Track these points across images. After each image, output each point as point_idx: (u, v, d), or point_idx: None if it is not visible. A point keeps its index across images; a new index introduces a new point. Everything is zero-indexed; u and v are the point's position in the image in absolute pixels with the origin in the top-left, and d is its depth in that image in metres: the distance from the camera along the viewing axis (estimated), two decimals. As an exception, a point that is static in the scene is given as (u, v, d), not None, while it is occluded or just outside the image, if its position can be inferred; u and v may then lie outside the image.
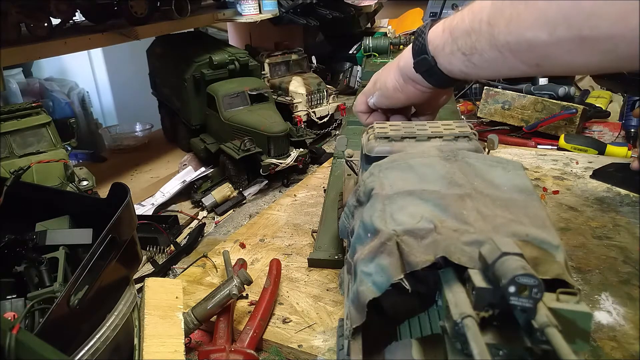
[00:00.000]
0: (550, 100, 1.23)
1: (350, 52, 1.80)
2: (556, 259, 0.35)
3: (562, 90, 1.25)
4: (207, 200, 1.02)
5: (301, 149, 1.12)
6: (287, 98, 1.34)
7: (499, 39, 0.45)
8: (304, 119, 1.34)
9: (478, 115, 1.35)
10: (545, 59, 0.44)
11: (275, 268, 0.71)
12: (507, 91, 1.29)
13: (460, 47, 0.49)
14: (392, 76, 0.60)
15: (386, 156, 0.48)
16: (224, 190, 1.04)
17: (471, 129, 0.52)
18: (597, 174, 1.00)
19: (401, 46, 1.50)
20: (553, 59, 0.43)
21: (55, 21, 0.97)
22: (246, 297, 0.68)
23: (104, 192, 0.63)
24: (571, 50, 0.41)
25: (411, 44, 0.56)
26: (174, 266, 0.83)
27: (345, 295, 0.47)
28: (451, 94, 0.63)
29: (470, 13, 0.48)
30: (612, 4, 0.37)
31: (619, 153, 1.11)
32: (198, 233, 0.91)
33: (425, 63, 0.54)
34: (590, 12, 0.38)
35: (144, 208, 1.03)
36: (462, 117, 1.36)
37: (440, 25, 0.53)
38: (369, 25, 1.95)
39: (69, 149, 0.90)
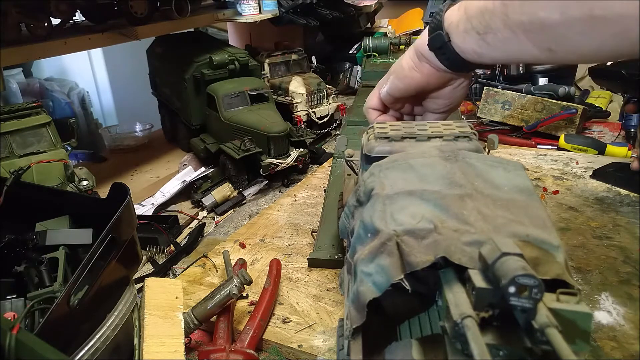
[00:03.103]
0: (550, 100, 1.23)
1: (350, 52, 1.80)
2: (556, 259, 0.35)
3: (562, 90, 1.25)
4: (207, 200, 1.02)
5: (301, 149, 1.12)
6: (287, 98, 1.34)
7: (513, 18, 0.44)
8: (304, 119, 1.34)
9: (478, 115, 1.35)
10: (557, 42, 0.43)
11: (275, 268, 0.71)
12: (507, 91, 1.29)
13: (474, 26, 0.49)
14: (407, 55, 0.59)
15: (386, 156, 0.48)
16: (224, 190, 1.04)
17: (471, 129, 0.52)
18: (597, 174, 1.00)
19: (402, 46, 1.50)
20: (565, 42, 0.42)
21: (55, 21, 0.97)
22: (246, 297, 0.68)
23: (104, 192, 0.63)
24: (583, 32, 0.40)
25: (429, 24, 0.55)
26: (174, 266, 0.83)
27: (345, 295, 0.47)
28: (466, 90, 0.61)
29: None
30: None
31: (619, 153, 1.11)
32: (198, 233, 0.91)
33: (439, 39, 0.53)
34: None
35: (144, 208, 1.03)
36: (462, 117, 1.36)
37: (458, 3, 0.53)
38: (369, 25, 1.95)
39: (69, 149, 0.90)
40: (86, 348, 0.48)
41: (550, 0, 0.41)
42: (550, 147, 1.20)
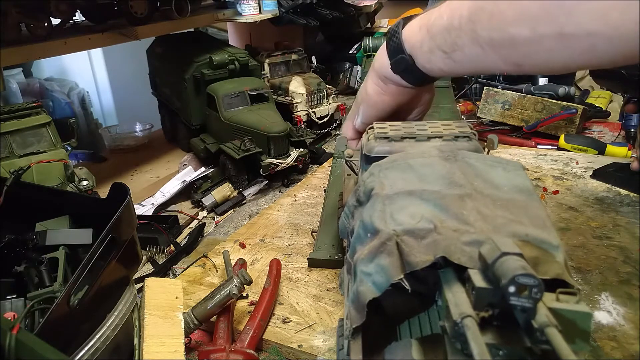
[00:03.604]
0: (550, 100, 1.23)
1: (350, 52, 1.80)
2: (556, 259, 0.35)
3: (562, 90, 1.25)
4: (207, 200, 1.02)
5: (301, 149, 1.12)
6: (287, 98, 1.34)
7: (481, 34, 0.44)
8: (304, 119, 1.34)
9: (478, 115, 1.35)
10: (526, 57, 0.43)
11: (275, 268, 0.71)
12: (507, 91, 1.29)
13: (439, 45, 0.49)
14: (371, 82, 0.59)
15: (386, 156, 0.48)
16: (224, 190, 1.04)
17: (471, 129, 0.52)
18: (597, 174, 1.00)
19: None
20: (534, 57, 0.43)
21: (55, 21, 0.97)
22: (246, 297, 0.68)
23: (104, 192, 0.63)
24: (552, 49, 0.41)
25: (384, 44, 0.55)
26: (174, 266, 0.83)
27: (345, 295, 0.47)
28: (433, 92, 0.62)
29: (448, 10, 0.48)
30: (593, 2, 0.37)
31: (619, 153, 1.11)
32: (198, 233, 0.91)
33: (402, 62, 0.53)
34: (572, 9, 0.38)
35: (144, 208, 1.03)
36: (462, 117, 1.36)
37: (416, 23, 0.52)
38: (369, 25, 1.95)
39: (69, 149, 0.90)
40: (86, 348, 0.48)
41: (520, 17, 0.41)
42: (550, 147, 1.20)
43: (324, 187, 0.97)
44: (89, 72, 2.50)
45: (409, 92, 0.57)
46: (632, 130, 1.17)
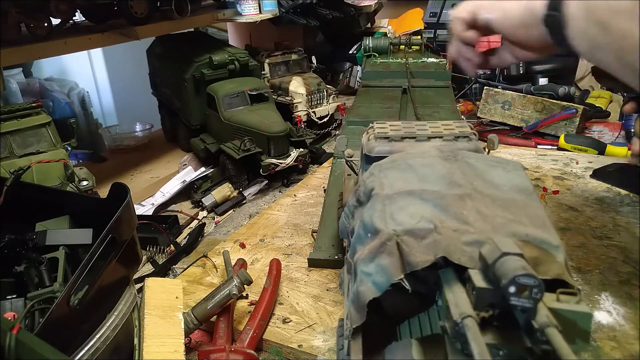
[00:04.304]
0: (550, 100, 1.23)
1: (350, 52, 1.80)
2: (556, 259, 0.35)
3: (562, 90, 1.25)
4: (207, 200, 1.02)
5: (301, 149, 1.12)
6: (287, 98, 1.34)
7: (626, 59, 0.44)
8: (304, 119, 1.34)
9: (478, 115, 1.35)
10: None
11: (275, 268, 0.71)
12: (507, 91, 1.29)
13: (588, 35, 0.47)
14: (526, 7, 0.55)
15: (386, 156, 0.48)
16: (224, 190, 1.04)
17: (471, 129, 0.52)
18: (597, 174, 1.00)
19: (401, 46, 1.50)
20: None
21: (55, 21, 0.97)
22: (246, 297, 0.68)
23: (104, 192, 0.63)
24: None
25: None
26: (174, 266, 0.83)
27: (345, 295, 0.47)
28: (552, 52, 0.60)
29: (609, 12, 0.46)
30: None
31: (619, 153, 1.11)
32: (198, 233, 0.91)
33: (554, 21, 0.50)
34: None
35: (144, 208, 1.03)
36: (462, 117, 1.36)
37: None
38: (369, 25, 1.95)
39: (69, 149, 0.90)
40: (86, 348, 0.48)
41: None
42: (550, 147, 1.20)
43: (324, 187, 0.97)
44: (89, 72, 2.49)
45: (545, 42, 0.54)
46: (632, 130, 1.17)
